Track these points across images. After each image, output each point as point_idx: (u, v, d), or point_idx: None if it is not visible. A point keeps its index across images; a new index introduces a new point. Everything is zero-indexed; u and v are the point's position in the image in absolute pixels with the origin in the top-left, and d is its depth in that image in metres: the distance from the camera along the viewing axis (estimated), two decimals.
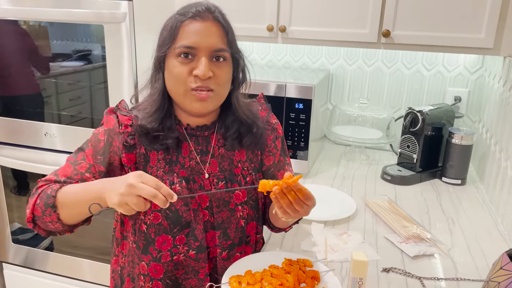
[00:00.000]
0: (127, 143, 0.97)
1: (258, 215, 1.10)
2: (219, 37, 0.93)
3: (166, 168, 0.99)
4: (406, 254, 1.18)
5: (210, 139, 1.04)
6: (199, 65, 0.91)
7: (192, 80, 0.92)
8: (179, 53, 0.92)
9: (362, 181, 1.70)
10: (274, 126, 1.11)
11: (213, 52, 0.92)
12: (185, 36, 0.91)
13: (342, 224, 1.35)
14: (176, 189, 0.98)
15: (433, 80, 1.94)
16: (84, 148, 1.00)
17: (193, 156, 1.02)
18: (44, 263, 2.11)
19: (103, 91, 1.71)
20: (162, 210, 0.97)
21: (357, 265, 0.92)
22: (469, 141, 1.65)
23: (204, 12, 0.92)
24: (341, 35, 1.67)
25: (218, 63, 0.94)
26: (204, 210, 1.01)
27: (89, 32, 1.70)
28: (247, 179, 1.06)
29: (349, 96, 2.08)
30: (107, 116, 1.00)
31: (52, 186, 0.95)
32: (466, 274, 1.10)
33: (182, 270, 1.03)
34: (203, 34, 0.91)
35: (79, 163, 0.99)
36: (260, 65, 2.14)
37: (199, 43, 0.91)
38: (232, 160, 1.05)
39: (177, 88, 0.94)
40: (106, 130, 0.98)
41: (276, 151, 1.12)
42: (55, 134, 1.83)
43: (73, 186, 0.94)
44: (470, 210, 1.47)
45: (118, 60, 1.63)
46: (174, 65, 0.93)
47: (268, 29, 1.72)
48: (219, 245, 1.04)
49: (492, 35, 1.50)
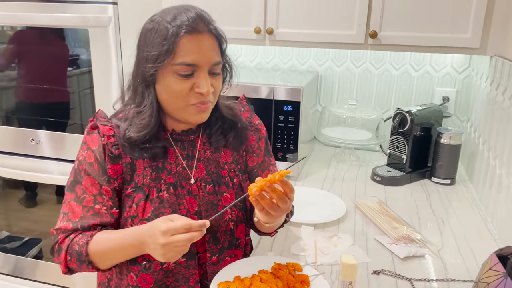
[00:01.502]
0: (112, 154, 0.95)
1: (246, 216, 1.10)
2: (215, 50, 0.92)
3: (153, 175, 0.97)
4: (396, 256, 1.18)
5: (195, 143, 1.03)
6: (202, 83, 0.89)
7: (193, 96, 0.91)
8: (178, 70, 0.88)
9: (352, 183, 1.70)
10: (257, 126, 1.11)
11: (211, 66, 0.91)
12: (184, 53, 0.87)
13: (332, 227, 1.34)
14: (164, 196, 0.97)
15: (421, 81, 1.95)
16: (79, 180, 0.96)
17: (179, 161, 1.00)
18: (33, 272, 2.08)
19: (90, 96, 1.69)
20: (150, 218, 0.95)
21: (346, 268, 0.91)
22: (457, 141, 1.65)
23: (199, 24, 0.88)
24: (328, 37, 1.66)
25: (215, 77, 0.94)
26: (193, 215, 1.00)
27: (76, 37, 1.68)
28: (234, 181, 1.05)
29: (338, 97, 2.08)
30: (90, 136, 0.96)
31: (77, 242, 0.93)
32: (456, 275, 1.10)
33: (172, 278, 1.01)
34: (201, 50, 0.89)
35: (83, 198, 0.95)
36: (249, 68, 2.13)
37: (199, 60, 0.89)
38: (218, 162, 1.04)
39: (175, 104, 0.92)
40: (93, 151, 0.95)
41: (259, 152, 1.12)
42: (41, 140, 1.80)
43: (105, 243, 0.93)
44: (459, 210, 1.47)
45: (104, 65, 1.61)
46: (172, 82, 0.89)
47: (255, 31, 1.72)
48: (209, 250, 1.03)
49: (478, 35, 1.51)
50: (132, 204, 0.96)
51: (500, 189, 1.32)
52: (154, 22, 0.90)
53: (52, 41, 1.73)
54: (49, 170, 1.85)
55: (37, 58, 1.76)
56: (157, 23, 0.89)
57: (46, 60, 1.76)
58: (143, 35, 0.92)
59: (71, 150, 1.78)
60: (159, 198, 0.96)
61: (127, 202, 0.97)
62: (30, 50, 1.75)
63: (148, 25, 0.91)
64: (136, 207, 0.96)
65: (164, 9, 0.93)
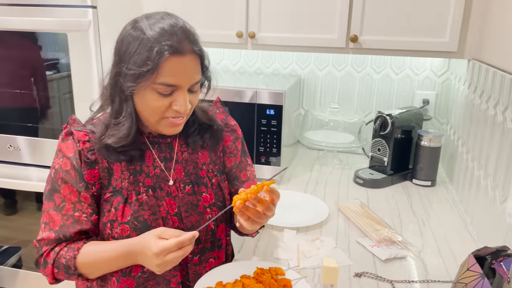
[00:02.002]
0: (88, 159, 0.94)
1: (226, 216, 1.11)
2: (197, 70, 0.92)
3: (131, 178, 0.97)
4: (378, 258, 1.19)
5: (172, 145, 1.04)
6: (180, 101, 0.90)
7: (170, 112, 0.92)
8: (159, 89, 0.88)
9: (335, 186, 1.71)
10: (233, 127, 1.14)
11: (191, 85, 0.92)
12: (166, 73, 0.86)
13: (315, 230, 1.34)
14: (143, 198, 0.97)
15: (402, 84, 1.97)
16: (57, 188, 0.95)
17: (157, 164, 1.01)
18: (13, 281, 2.03)
19: (69, 101, 1.66)
20: (130, 222, 0.95)
21: (327, 271, 0.91)
22: (437, 143, 1.68)
23: (182, 43, 0.87)
24: (310, 41, 1.68)
25: (193, 93, 0.94)
26: (173, 217, 1.00)
27: (55, 41, 1.66)
28: (213, 181, 1.06)
29: (320, 101, 2.09)
30: (64, 143, 0.96)
31: (63, 255, 0.93)
32: (437, 276, 1.11)
33: (153, 281, 1.01)
34: (183, 72, 0.89)
35: (63, 206, 0.94)
36: (232, 72, 2.13)
37: (180, 81, 0.89)
38: (197, 163, 1.05)
39: (151, 117, 0.93)
40: (69, 158, 0.94)
41: (236, 152, 1.14)
42: (19, 146, 1.77)
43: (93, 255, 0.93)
44: (440, 211, 1.49)
45: (84, 69, 1.59)
46: (152, 98, 0.89)
47: (237, 35, 1.72)
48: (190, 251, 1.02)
49: (455, 39, 1.54)
50: (111, 208, 0.96)
51: (478, 191, 1.34)
52: (137, 30, 0.87)
53: (24, 45, 1.70)
54: (28, 177, 1.81)
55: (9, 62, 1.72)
56: (142, 32, 0.86)
57: (17, 65, 1.73)
58: (125, 42, 0.88)
59: (51, 156, 1.74)
60: (138, 201, 0.96)
61: (105, 207, 0.96)
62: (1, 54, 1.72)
63: (132, 32, 0.88)
64: (115, 211, 0.95)
65: (149, 16, 0.90)
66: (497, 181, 1.17)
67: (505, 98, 1.16)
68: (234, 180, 1.14)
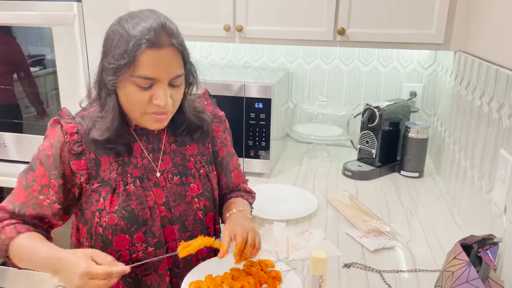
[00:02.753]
0: (74, 151, 0.96)
1: (215, 205, 1.13)
2: (176, 63, 0.92)
3: (119, 170, 0.99)
4: (367, 248, 1.20)
5: (160, 136, 1.05)
6: (160, 95, 0.90)
7: (151, 107, 0.91)
8: (138, 82, 0.89)
9: (324, 178, 1.71)
10: (221, 118, 1.15)
11: (171, 79, 0.91)
12: (143, 66, 0.87)
13: (304, 222, 1.35)
14: (130, 189, 0.98)
15: (389, 76, 1.98)
16: (34, 168, 0.97)
17: (144, 155, 1.02)
18: (2, 280, 2.01)
19: (55, 97, 1.64)
20: (118, 211, 0.97)
21: (316, 262, 0.91)
22: (424, 135, 1.69)
23: (160, 36, 0.87)
24: (298, 34, 1.67)
25: (175, 88, 0.94)
26: (161, 206, 1.02)
27: (40, 36, 1.63)
28: (200, 172, 1.08)
29: (309, 94, 2.09)
30: (51, 129, 0.98)
31: (5, 232, 0.92)
32: (424, 265, 1.13)
33: (141, 267, 1.02)
34: (161, 64, 0.89)
35: (31, 186, 0.96)
36: (220, 66, 2.12)
37: (159, 74, 0.89)
38: (185, 155, 1.07)
39: (134, 111, 0.94)
40: (52, 143, 0.96)
41: (226, 142, 1.16)
42: (5, 143, 1.74)
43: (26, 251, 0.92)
44: (427, 202, 1.51)
45: (69, 64, 1.57)
46: (131, 92, 0.90)
47: (225, 29, 1.71)
48: (178, 238, 1.04)
49: (442, 30, 1.55)
50: (99, 198, 0.97)
51: (464, 181, 1.36)
52: (120, 26, 0.89)
53: (7, 41, 1.68)
54: (15, 174, 1.78)
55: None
56: (123, 28, 0.88)
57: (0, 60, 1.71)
58: (109, 38, 0.91)
59: None
60: (126, 191, 0.98)
61: (94, 197, 0.98)
62: None
63: (115, 28, 0.90)
64: (103, 200, 0.97)
65: (132, 13, 0.92)
66: (483, 171, 1.18)
67: (490, 89, 1.17)
68: (226, 169, 1.17)
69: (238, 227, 0.98)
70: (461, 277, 0.82)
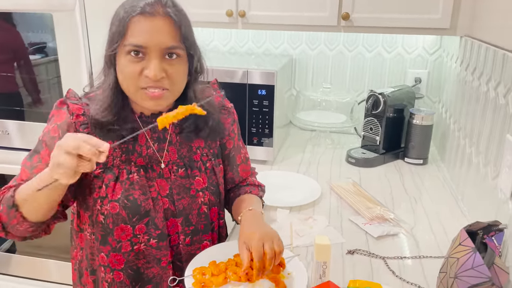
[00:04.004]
0: (80, 133, 0.93)
1: (220, 200, 1.11)
2: (170, 34, 0.88)
3: (123, 157, 0.97)
4: (370, 235, 1.19)
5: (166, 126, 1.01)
6: (150, 66, 0.87)
7: (143, 80, 0.89)
8: (129, 51, 0.88)
9: (328, 166, 1.71)
10: (230, 110, 1.13)
11: (164, 50, 0.88)
12: (134, 34, 0.86)
13: (307, 209, 1.35)
14: (134, 178, 0.97)
15: (394, 62, 1.96)
16: (39, 149, 0.95)
17: (149, 144, 1.00)
18: (6, 266, 2.02)
19: (57, 85, 1.63)
20: (120, 200, 0.95)
21: (320, 249, 0.91)
22: (429, 121, 1.68)
23: (154, 6, 0.86)
24: (301, 19, 1.65)
25: (171, 61, 0.90)
26: (164, 198, 1.00)
27: (41, 23, 1.61)
28: (207, 165, 1.06)
29: (312, 81, 2.07)
30: (57, 111, 0.96)
31: (11, 189, 0.91)
32: (428, 252, 1.12)
33: (143, 260, 1.01)
34: (152, 32, 0.86)
35: (35, 166, 0.94)
36: (222, 52, 2.10)
37: (148, 42, 0.86)
38: (191, 146, 1.04)
39: (128, 86, 0.92)
40: (58, 125, 0.94)
41: (234, 135, 1.14)
42: (7, 131, 1.74)
43: (25, 186, 0.89)
44: (431, 189, 1.50)
45: (71, 50, 1.55)
46: (124, 64, 0.89)
47: (227, 14, 1.69)
48: (182, 232, 1.03)
49: (448, 15, 1.52)
50: (102, 185, 0.96)
51: (469, 167, 1.35)
52: (121, 6, 0.91)
53: (6, 28, 1.66)
54: (18, 161, 1.78)
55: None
56: (123, 4, 0.90)
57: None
58: (114, 14, 0.92)
59: None
60: (129, 180, 0.96)
61: (96, 183, 0.96)
62: None
63: (117, 9, 0.91)
64: (106, 188, 0.95)
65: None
66: (489, 157, 1.17)
67: (497, 74, 1.15)
68: (233, 162, 1.15)
69: (253, 238, 0.92)
70: (466, 263, 0.82)
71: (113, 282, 1.00)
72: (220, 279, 0.93)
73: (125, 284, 1.01)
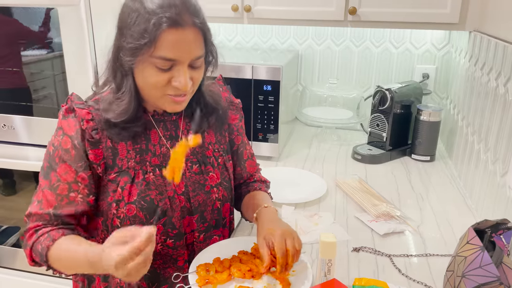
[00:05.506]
0: (93, 138, 0.91)
1: (231, 196, 1.11)
2: (199, 44, 0.87)
3: (137, 158, 0.95)
4: (376, 233, 1.18)
5: (178, 123, 1.01)
6: (180, 77, 0.86)
7: (170, 89, 0.88)
8: (158, 64, 0.84)
9: (333, 162, 1.69)
10: (237, 105, 1.13)
11: (192, 60, 0.87)
12: (166, 47, 0.82)
13: (313, 206, 1.33)
14: (149, 178, 0.95)
15: (401, 58, 1.94)
16: (54, 167, 0.91)
17: (163, 142, 0.99)
18: (12, 260, 2.03)
19: (63, 82, 1.63)
20: (136, 202, 0.93)
21: (325, 246, 0.90)
22: (437, 118, 1.66)
23: (184, 16, 0.83)
24: (307, 14, 1.63)
25: (195, 69, 0.89)
26: (180, 196, 0.99)
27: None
28: (219, 161, 1.05)
29: (319, 76, 2.06)
30: (65, 120, 0.92)
31: (41, 242, 0.88)
32: (435, 250, 1.11)
33: (160, 261, 1.00)
34: (184, 45, 0.84)
35: (57, 186, 0.91)
36: (228, 48, 2.08)
37: (180, 56, 0.84)
38: (203, 142, 1.03)
39: (151, 93, 0.89)
40: (70, 136, 0.91)
41: (242, 131, 1.14)
42: (13, 126, 1.74)
43: (63, 253, 0.87)
44: (439, 186, 1.49)
45: (76, 46, 1.55)
46: (150, 73, 0.86)
47: (233, 9, 1.67)
48: (197, 229, 1.02)
49: (457, 10, 1.50)
50: (117, 188, 0.93)
51: (478, 164, 1.33)
52: (137, 2, 0.84)
53: (10, 21, 1.66)
54: (24, 156, 1.79)
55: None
56: (140, 3, 0.83)
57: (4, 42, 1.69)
58: (124, 15, 0.86)
59: (46, 135, 1.72)
60: (145, 180, 0.94)
61: (110, 187, 0.94)
62: None
63: (131, 5, 0.85)
64: (122, 190, 0.93)
65: None
66: (498, 154, 1.15)
67: (507, 69, 1.13)
68: (240, 158, 1.14)
69: (275, 235, 0.90)
70: (474, 262, 0.80)
71: (128, 287, 0.99)
72: (225, 275, 0.92)
73: (141, 286, 1.00)
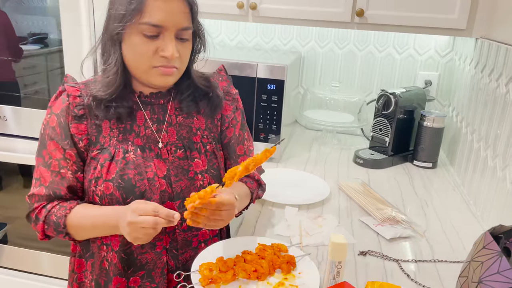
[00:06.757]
0: (75, 113, 0.93)
1: None
2: (185, 14, 0.89)
3: (120, 137, 0.95)
4: (382, 237, 1.15)
5: (166, 107, 1.00)
6: (167, 46, 0.87)
7: (157, 59, 0.89)
8: (144, 30, 0.86)
9: (335, 165, 1.66)
10: (234, 96, 1.09)
11: (179, 30, 0.89)
12: (152, 12, 0.85)
13: (316, 208, 1.30)
14: (130, 157, 0.94)
15: (404, 64, 1.92)
16: (45, 144, 0.95)
17: (148, 125, 0.98)
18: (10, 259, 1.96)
19: (60, 76, 1.58)
20: (114, 180, 0.92)
21: (335, 248, 0.87)
22: (440, 124, 1.64)
23: None
24: (314, 14, 1.61)
25: (183, 42, 0.91)
26: (161, 180, 0.95)
27: (45, 12, 1.57)
28: (207, 147, 1.02)
29: (320, 79, 2.03)
30: (55, 100, 0.95)
31: (55, 213, 0.93)
32: (443, 256, 1.08)
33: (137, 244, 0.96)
34: (171, 12, 0.86)
35: (50, 163, 0.94)
36: (230, 47, 2.05)
37: (167, 22, 0.86)
38: (191, 127, 1.01)
39: (139, 65, 0.91)
40: (56, 115, 0.93)
41: (236, 123, 1.09)
42: (5, 116, 1.68)
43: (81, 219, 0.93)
44: (442, 193, 1.46)
45: (75, 40, 1.50)
46: (137, 43, 0.87)
47: (238, 6, 1.64)
48: None
49: (465, 15, 1.49)
50: (97, 165, 0.94)
51: (484, 172, 1.31)
52: None
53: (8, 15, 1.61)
54: (15, 149, 1.73)
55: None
56: None
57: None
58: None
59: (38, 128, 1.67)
60: (125, 159, 0.93)
61: (92, 164, 0.95)
62: None
63: None
64: (101, 168, 0.93)
65: None
66: (507, 161, 1.13)
67: None
68: (233, 152, 1.09)
69: None
70: (492, 267, 0.77)
71: (111, 263, 0.98)
72: (229, 275, 0.88)
73: (117, 268, 0.97)
